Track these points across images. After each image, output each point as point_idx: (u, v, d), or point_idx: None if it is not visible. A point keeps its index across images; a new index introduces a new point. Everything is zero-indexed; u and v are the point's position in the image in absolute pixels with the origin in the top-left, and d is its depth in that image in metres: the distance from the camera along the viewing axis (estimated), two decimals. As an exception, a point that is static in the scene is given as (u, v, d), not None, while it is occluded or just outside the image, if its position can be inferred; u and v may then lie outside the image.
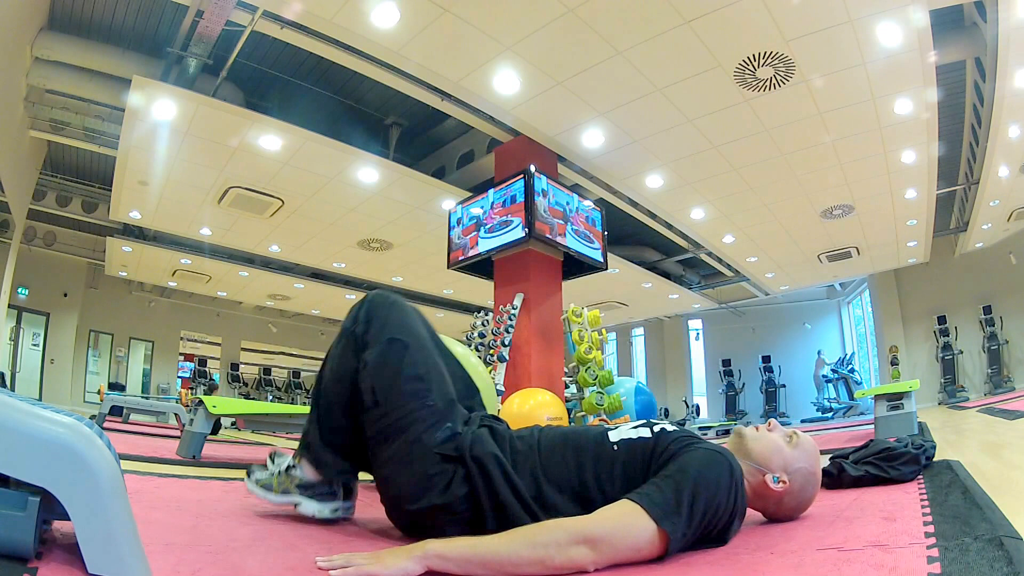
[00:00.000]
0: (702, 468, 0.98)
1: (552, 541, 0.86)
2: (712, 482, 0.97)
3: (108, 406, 5.55)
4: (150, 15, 5.04)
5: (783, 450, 1.18)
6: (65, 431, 0.64)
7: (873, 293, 11.13)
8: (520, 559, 0.85)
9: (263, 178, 6.06)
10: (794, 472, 1.16)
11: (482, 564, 0.85)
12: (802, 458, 1.18)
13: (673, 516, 0.91)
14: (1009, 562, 0.71)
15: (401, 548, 0.88)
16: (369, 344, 1.15)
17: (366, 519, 1.35)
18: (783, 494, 1.16)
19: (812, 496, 1.22)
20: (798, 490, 1.17)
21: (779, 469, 1.16)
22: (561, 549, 0.86)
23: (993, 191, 6.66)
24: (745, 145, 5.42)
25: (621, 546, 0.89)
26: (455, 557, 0.85)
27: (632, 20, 3.88)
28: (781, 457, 1.17)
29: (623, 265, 8.51)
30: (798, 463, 1.17)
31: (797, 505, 1.20)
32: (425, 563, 0.84)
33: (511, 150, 5.53)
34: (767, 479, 1.15)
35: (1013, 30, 4.08)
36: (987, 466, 1.85)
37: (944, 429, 3.86)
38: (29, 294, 9.20)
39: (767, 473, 1.15)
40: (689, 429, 1.14)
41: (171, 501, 1.39)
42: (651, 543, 0.90)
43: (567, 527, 0.89)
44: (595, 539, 0.87)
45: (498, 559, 0.85)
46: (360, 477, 1.31)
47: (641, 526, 0.90)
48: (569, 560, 0.86)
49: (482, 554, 0.86)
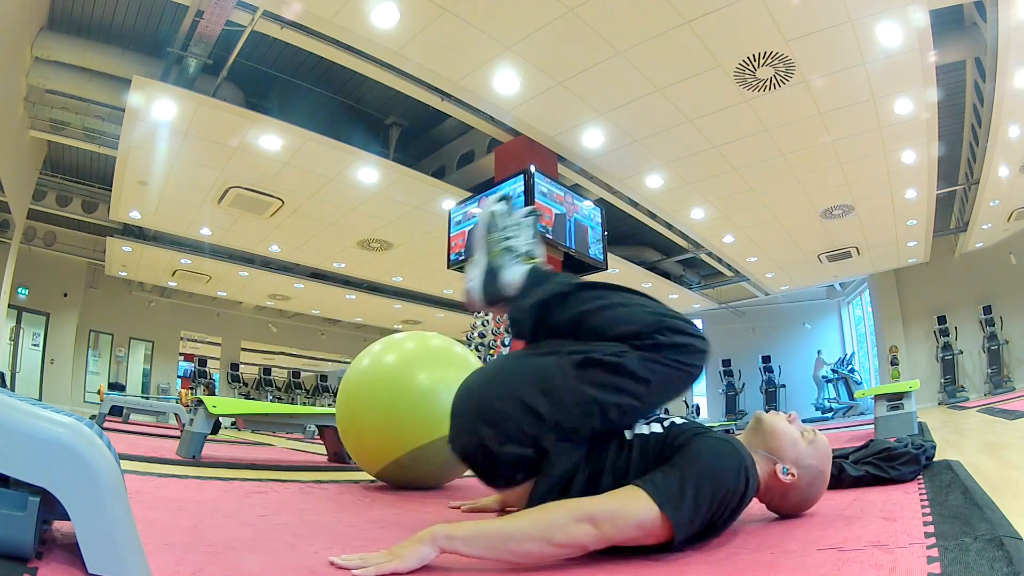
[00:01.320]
0: (710, 456, 0.99)
1: (555, 519, 0.88)
2: (719, 468, 0.98)
3: (108, 406, 5.55)
4: (150, 15, 5.04)
5: (798, 443, 1.18)
6: (65, 431, 0.64)
7: (873, 293, 11.13)
8: (524, 535, 0.87)
9: (263, 178, 6.06)
10: (804, 468, 1.17)
11: (488, 543, 0.87)
12: (815, 456, 1.19)
13: (677, 502, 0.92)
14: (1009, 562, 0.71)
15: (410, 539, 0.88)
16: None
17: (367, 519, 1.35)
18: (790, 487, 1.16)
19: (817, 495, 1.22)
20: (805, 486, 1.18)
21: (791, 461, 1.16)
22: (563, 527, 0.87)
23: (993, 191, 6.66)
24: (745, 145, 5.42)
25: (622, 524, 0.90)
26: (462, 536, 0.86)
27: (632, 20, 3.88)
28: (795, 450, 1.17)
29: (623, 265, 8.51)
30: (810, 459, 1.18)
31: (801, 501, 1.21)
32: (436, 545, 0.86)
33: (511, 150, 5.52)
34: (777, 468, 1.15)
35: (1013, 30, 4.08)
36: (987, 466, 1.85)
37: (944, 429, 3.86)
38: (29, 294, 9.20)
39: (778, 463, 1.16)
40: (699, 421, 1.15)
41: (171, 501, 1.39)
42: (653, 523, 0.90)
43: (569, 506, 0.91)
44: (596, 517, 0.89)
45: (503, 536, 0.87)
46: (359, 478, 1.31)
47: (642, 506, 0.90)
48: (571, 537, 0.87)
49: (488, 532, 0.88)
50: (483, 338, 4.90)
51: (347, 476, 2.35)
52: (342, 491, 1.91)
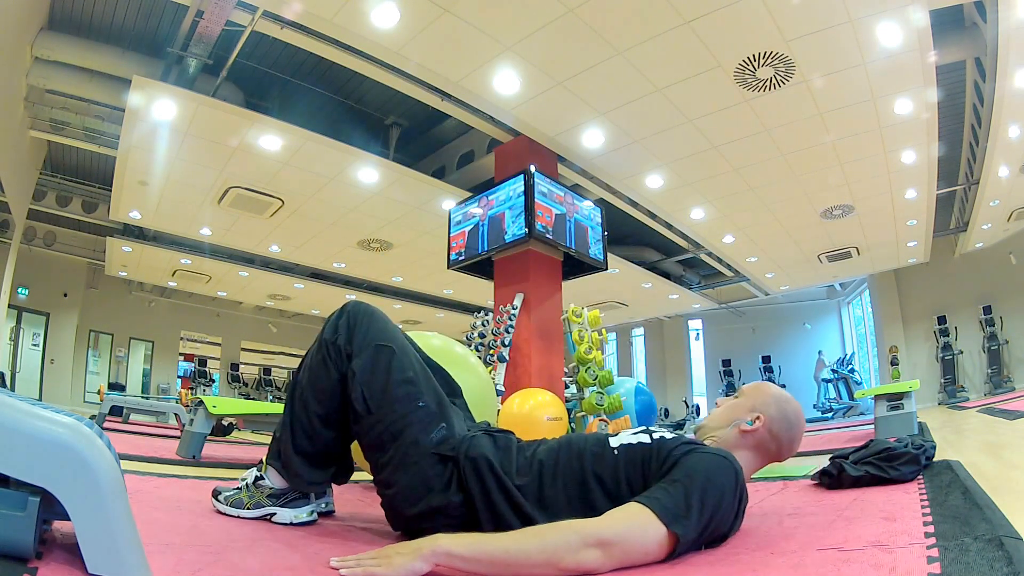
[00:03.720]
0: (709, 473, 0.99)
1: (563, 542, 0.86)
2: (719, 486, 0.98)
3: (108, 406, 5.55)
4: (150, 15, 5.04)
5: (737, 404, 1.22)
6: (65, 431, 0.64)
7: (873, 293, 11.13)
8: (529, 559, 0.84)
9: (263, 178, 6.06)
10: (760, 406, 1.19)
11: (491, 562, 0.84)
12: (757, 395, 1.21)
13: (683, 519, 0.92)
14: (1009, 562, 0.71)
15: (409, 545, 0.87)
16: (355, 354, 1.17)
17: (367, 519, 1.35)
18: (764, 426, 1.17)
19: (796, 416, 1.21)
20: (778, 415, 1.18)
21: (744, 412, 1.19)
22: (572, 551, 0.85)
23: (993, 191, 6.66)
24: (745, 145, 5.42)
25: (631, 550, 0.89)
26: (464, 554, 0.84)
27: (632, 20, 3.88)
28: (738, 408, 1.20)
29: (623, 265, 8.51)
30: (757, 399, 1.20)
31: (788, 428, 1.20)
32: (434, 560, 0.84)
33: (511, 150, 5.52)
34: (742, 427, 1.17)
35: (1013, 30, 4.08)
36: (987, 466, 1.85)
37: (944, 429, 3.86)
38: (29, 294, 9.20)
39: (740, 423, 1.18)
40: (685, 435, 1.16)
41: (171, 501, 1.39)
42: (660, 546, 0.90)
43: (578, 529, 0.89)
44: (606, 542, 0.87)
45: (507, 558, 0.85)
46: (359, 478, 1.31)
47: (652, 529, 0.90)
48: (579, 563, 0.86)
49: (491, 552, 0.86)
50: (483, 338, 4.90)
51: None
52: (342, 491, 1.90)
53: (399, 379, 1.14)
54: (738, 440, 1.17)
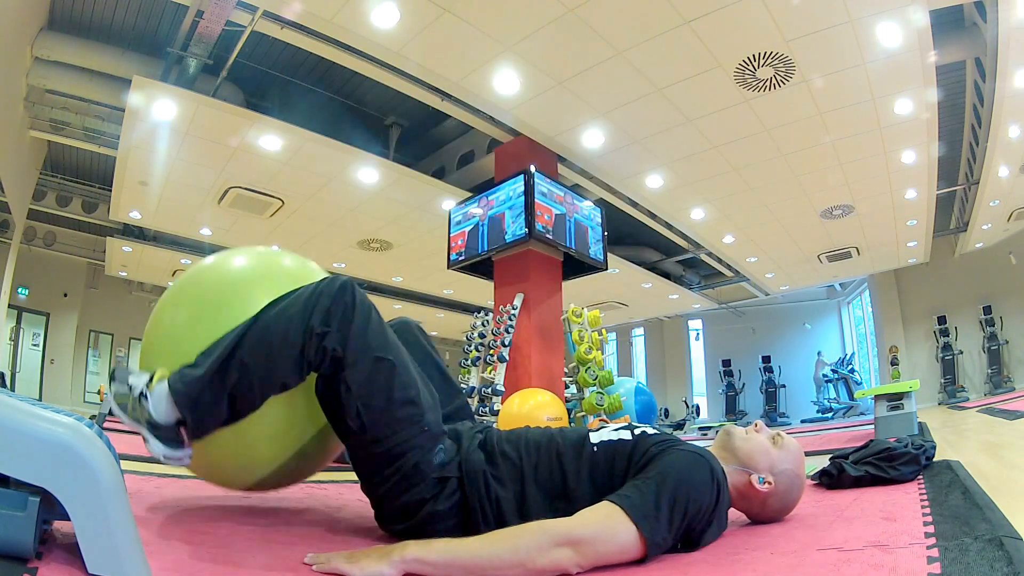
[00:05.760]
0: (682, 470, 0.99)
1: (534, 544, 0.86)
2: (692, 483, 0.98)
3: (108, 406, 5.54)
4: (150, 15, 5.04)
5: (769, 451, 1.18)
6: (65, 431, 0.64)
7: (873, 293, 11.13)
8: (502, 562, 0.84)
9: (263, 178, 6.06)
10: (779, 473, 1.17)
11: (463, 568, 0.84)
12: (787, 459, 1.19)
13: (651, 518, 0.91)
14: (1009, 562, 0.71)
15: (380, 550, 0.87)
16: (348, 364, 1.02)
17: (367, 519, 1.35)
18: (768, 495, 1.16)
19: (796, 498, 1.22)
20: (783, 492, 1.18)
21: (765, 470, 1.16)
22: (543, 552, 0.85)
23: (993, 191, 6.66)
24: (745, 145, 5.42)
25: (604, 549, 0.89)
26: (435, 561, 0.84)
27: (632, 20, 3.88)
28: (767, 458, 1.17)
29: (623, 265, 8.51)
30: (784, 464, 1.18)
31: (782, 507, 1.21)
32: (403, 567, 0.84)
33: (511, 150, 5.53)
34: (753, 479, 1.15)
35: (1013, 30, 4.08)
36: (987, 466, 1.85)
37: (944, 429, 3.86)
38: (29, 294, 9.20)
39: (752, 473, 1.16)
40: (670, 433, 1.15)
41: (171, 501, 1.39)
42: (633, 545, 0.90)
43: (548, 529, 0.89)
44: (577, 541, 0.87)
45: (479, 563, 0.84)
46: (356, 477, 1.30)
47: (623, 528, 0.90)
48: (551, 563, 0.86)
49: (462, 557, 0.85)
50: (483, 338, 4.90)
51: (347, 476, 2.35)
52: (342, 491, 1.91)
53: (401, 399, 1.05)
54: (738, 481, 1.16)
